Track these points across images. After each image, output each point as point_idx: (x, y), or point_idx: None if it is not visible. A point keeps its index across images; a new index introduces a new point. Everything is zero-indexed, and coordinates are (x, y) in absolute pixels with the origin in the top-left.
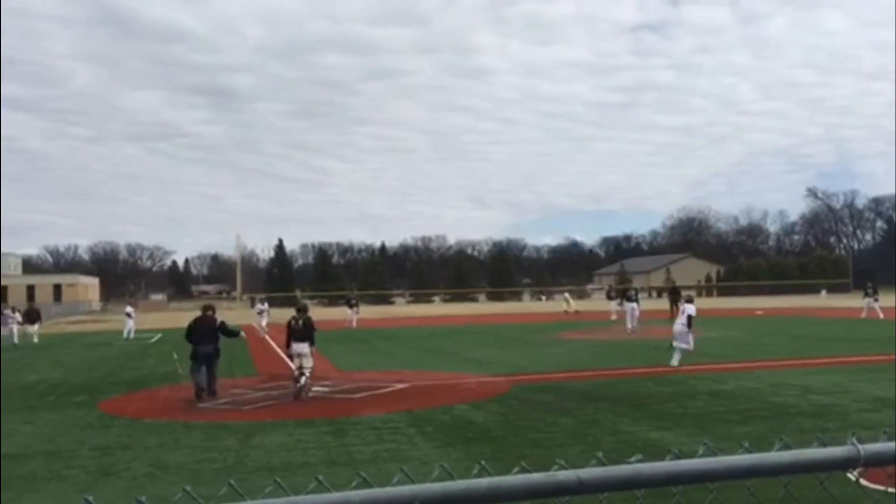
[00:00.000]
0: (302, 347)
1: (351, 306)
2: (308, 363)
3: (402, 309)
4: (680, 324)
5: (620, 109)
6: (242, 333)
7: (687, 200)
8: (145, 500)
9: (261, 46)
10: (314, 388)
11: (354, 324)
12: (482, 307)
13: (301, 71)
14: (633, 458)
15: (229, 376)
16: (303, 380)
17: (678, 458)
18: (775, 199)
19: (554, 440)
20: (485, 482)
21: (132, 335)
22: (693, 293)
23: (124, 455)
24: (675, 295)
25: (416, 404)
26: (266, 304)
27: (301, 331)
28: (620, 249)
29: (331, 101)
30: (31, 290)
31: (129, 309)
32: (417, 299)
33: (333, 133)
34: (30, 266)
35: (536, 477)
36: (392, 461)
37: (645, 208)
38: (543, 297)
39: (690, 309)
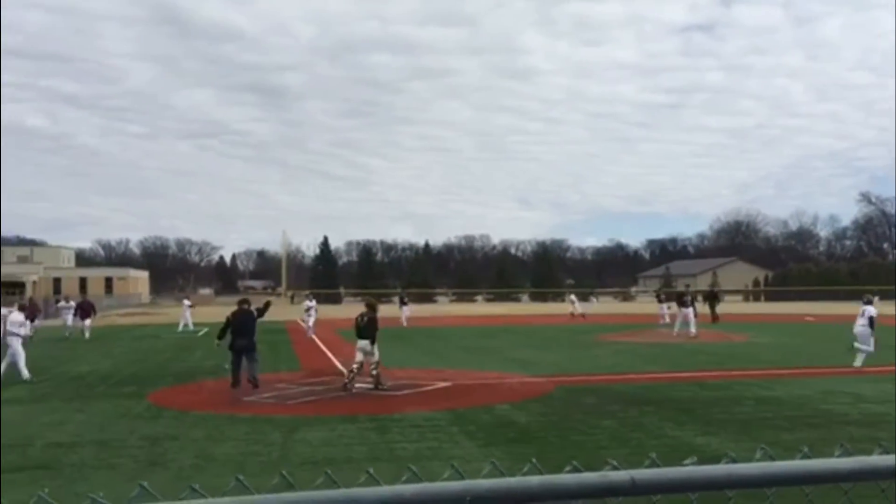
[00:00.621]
0: (363, 344)
1: (403, 304)
2: (372, 358)
3: (446, 307)
4: (861, 325)
5: (668, 110)
6: (268, 300)
7: (735, 203)
8: (198, 488)
9: (311, 46)
10: (357, 385)
11: (405, 322)
12: (525, 307)
13: (349, 70)
14: (687, 461)
15: (273, 371)
16: (373, 370)
17: (734, 461)
18: (827, 204)
19: (597, 443)
20: (536, 480)
21: (191, 326)
22: (739, 297)
23: (172, 446)
24: (713, 299)
25: (458, 403)
26: (314, 302)
27: (364, 327)
28: (666, 252)
29: (377, 101)
30: (83, 282)
31: (187, 301)
32: (460, 298)
33: (379, 132)
34: (82, 259)
35: (589, 476)
36: (434, 459)
37: (692, 211)
38: (595, 299)
39: (871, 310)
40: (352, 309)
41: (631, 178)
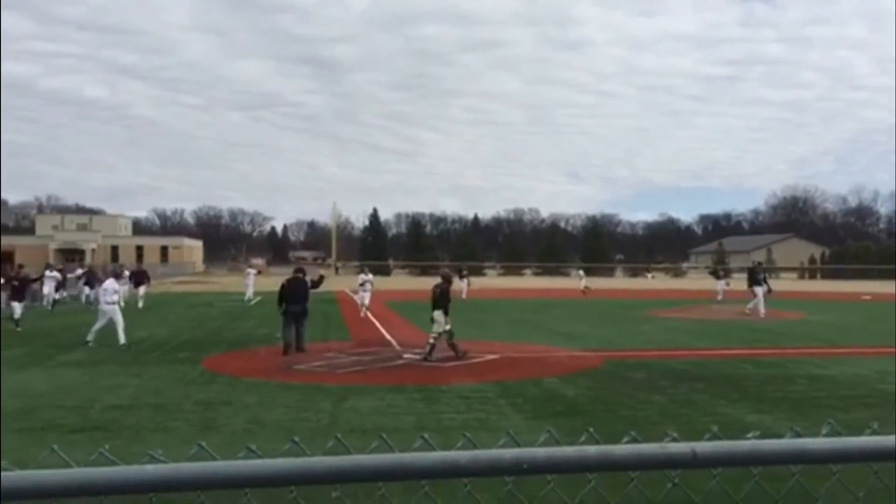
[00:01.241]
0: (437, 314)
1: (462, 277)
2: (435, 329)
3: (494, 281)
4: None
5: (726, 83)
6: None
7: (792, 179)
8: (255, 449)
9: (364, 18)
10: (405, 356)
11: (464, 294)
12: (574, 282)
13: (401, 42)
14: (749, 434)
15: (323, 340)
16: (431, 339)
17: (799, 436)
18: (888, 180)
19: (646, 418)
20: (593, 450)
21: (247, 295)
22: (795, 275)
23: (225, 411)
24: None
25: (506, 375)
26: (370, 275)
27: (437, 299)
28: (719, 227)
29: (428, 73)
30: (139, 250)
31: (251, 270)
32: (508, 271)
33: (430, 104)
34: (139, 227)
35: (648, 447)
36: (481, 430)
37: (747, 186)
38: (650, 275)
39: None
40: (401, 281)
41: (684, 153)
